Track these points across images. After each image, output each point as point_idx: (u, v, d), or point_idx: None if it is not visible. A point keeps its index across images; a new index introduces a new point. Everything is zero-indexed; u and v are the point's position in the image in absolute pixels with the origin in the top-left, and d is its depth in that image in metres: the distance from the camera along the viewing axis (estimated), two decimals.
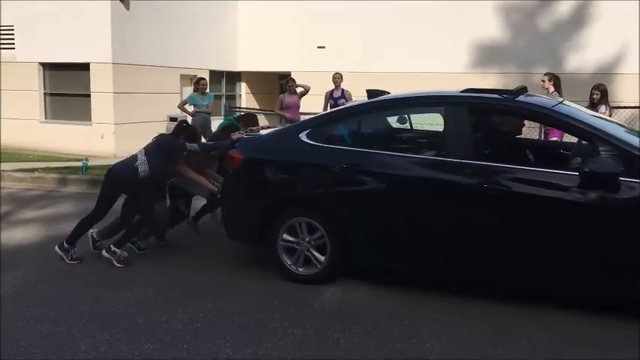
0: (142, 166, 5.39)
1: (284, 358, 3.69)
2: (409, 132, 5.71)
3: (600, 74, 14.39)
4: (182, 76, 15.35)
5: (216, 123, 11.29)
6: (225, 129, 6.37)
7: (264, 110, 14.45)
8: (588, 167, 4.11)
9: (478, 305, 4.53)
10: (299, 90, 10.79)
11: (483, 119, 5.28)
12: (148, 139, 5.79)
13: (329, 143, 5.02)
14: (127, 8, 13.79)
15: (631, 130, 5.03)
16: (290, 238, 5.02)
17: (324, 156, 4.94)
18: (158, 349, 3.79)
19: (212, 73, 16.39)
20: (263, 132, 5.85)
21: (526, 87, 4.94)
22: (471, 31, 15.23)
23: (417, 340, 3.97)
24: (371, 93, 5.49)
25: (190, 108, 10.79)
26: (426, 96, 5.32)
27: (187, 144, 5.63)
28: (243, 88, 18.80)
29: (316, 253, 4.95)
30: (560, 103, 5.02)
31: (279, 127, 5.70)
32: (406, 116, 5.54)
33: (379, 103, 5.30)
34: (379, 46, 15.98)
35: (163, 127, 14.79)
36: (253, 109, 15.39)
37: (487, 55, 14.99)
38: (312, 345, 3.89)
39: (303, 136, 5.05)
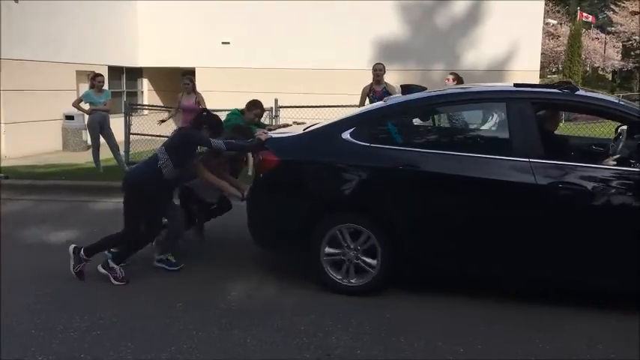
0: (166, 166, 4.90)
1: None
2: (465, 130, 5.55)
3: (494, 71, 15.20)
4: (78, 72, 14.63)
5: (116, 121, 10.94)
6: (237, 129, 5.61)
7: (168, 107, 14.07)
8: None
9: (381, 297, 4.63)
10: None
11: (541, 115, 5.02)
12: (42, 139, 5.41)
13: (378, 143, 4.69)
14: (16, 1, 12.96)
15: None
16: (334, 251, 4.67)
17: (377, 157, 4.59)
18: None
19: (111, 68, 15.75)
20: (280, 131, 5.54)
21: (571, 81, 4.94)
22: (374, 28, 15.59)
23: (323, 333, 4.00)
24: (408, 88, 5.13)
25: (86, 106, 10.29)
26: (488, 91, 5.13)
27: (212, 140, 4.95)
28: (145, 85, 18.19)
29: (367, 259, 4.61)
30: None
31: (314, 126, 5.15)
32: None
33: (433, 100, 5.10)
34: (285, 43, 16.00)
35: (59, 126, 14.16)
36: (156, 106, 14.94)
37: (389, 52, 15.37)
38: (218, 345, 3.83)
39: (346, 135, 4.68)
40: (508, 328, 4.11)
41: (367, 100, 9.02)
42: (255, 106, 6.27)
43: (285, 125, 6.47)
